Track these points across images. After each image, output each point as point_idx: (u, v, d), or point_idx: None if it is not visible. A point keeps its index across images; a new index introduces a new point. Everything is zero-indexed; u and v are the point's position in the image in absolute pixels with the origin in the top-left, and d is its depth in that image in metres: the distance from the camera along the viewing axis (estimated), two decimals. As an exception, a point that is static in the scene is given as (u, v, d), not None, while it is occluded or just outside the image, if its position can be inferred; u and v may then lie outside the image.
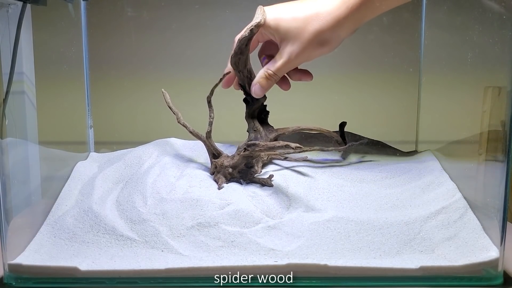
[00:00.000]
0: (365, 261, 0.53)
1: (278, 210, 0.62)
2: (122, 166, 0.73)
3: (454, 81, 0.77)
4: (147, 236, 0.58)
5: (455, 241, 0.56)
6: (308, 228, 0.58)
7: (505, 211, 0.53)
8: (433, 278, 0.52)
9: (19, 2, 0.67)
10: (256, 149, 0.65)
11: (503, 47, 0.56)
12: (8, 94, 0.65)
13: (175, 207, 0.61)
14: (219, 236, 0.57)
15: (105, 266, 0.53)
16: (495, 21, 0.60)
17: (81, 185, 0.70)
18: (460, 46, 0.74)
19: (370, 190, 0.69)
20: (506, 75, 0.53)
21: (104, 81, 0.89)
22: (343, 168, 0.75)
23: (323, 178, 0.72)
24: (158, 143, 0.78)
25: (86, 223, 0.60)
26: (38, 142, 0.75)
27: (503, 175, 0.53)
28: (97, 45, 0.86)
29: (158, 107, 0.90)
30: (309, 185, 0.69)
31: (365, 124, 0.90)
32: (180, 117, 0.71)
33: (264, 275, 0.52)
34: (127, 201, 0.63)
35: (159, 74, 0.90)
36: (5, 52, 0.66)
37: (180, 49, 0.89)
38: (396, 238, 0.57)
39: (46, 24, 0.75)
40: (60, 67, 0.78)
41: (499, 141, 0.55)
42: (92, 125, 0.86)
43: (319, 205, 0.64)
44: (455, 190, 0.67)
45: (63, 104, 0.82)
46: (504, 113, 0.52)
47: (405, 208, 0.63)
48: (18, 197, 0.63)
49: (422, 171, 0.73)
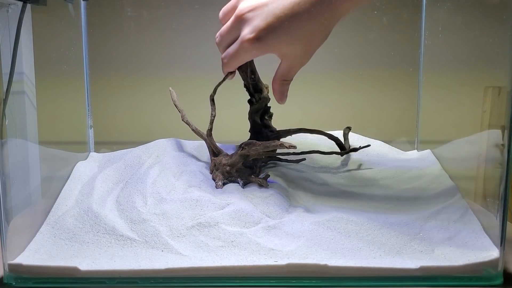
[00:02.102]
0: (365, 261, 0.53)
1: (278, 210, 0.62)
2: (122, 166, 0.73)
3: (454, 81, 0.77)
4: (147, 236, 0.58)
5: (455, 241, 0.56)
6: (308, 228, 0.58)
7: (505, 211, 0.53)
8: (433, 278, 0.52)
9: (19, 2, 0.67)
10: (252, 147, 0.65)
11: (503, 47, 0.56)
12: (8, 94, 0.65)
13: (175, 207, 0.61)
14: (219, 236, 0.57)
15: (105, 266, 0.53)
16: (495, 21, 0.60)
17: (81, 185, 0.70)
18: (460, 46, 0.74)
19: (370, 190, 0.69)
20: (506, 75, 0.53)
21: (104, 81, 0.89)
22: (343, 168, 0.75)
23: (323, 178, 0.72)
24: (158, 143, 0.78)
25: (86, 223, 0.60)
26: (38, 142, 0.75)
27: (503, 175, 0.53)
28: (97, 45, 0.86)
29: (158, 107, 0.90)
30: (309, 185, 0.69)
31: (365, 124, 0.90)
32: (184, 115, 0.71)
33: (264, 275, 0.52)
34: (127, 201, 0.63)
35: (159, 74, 0.90)
36: (5, 52, 0.66)
37: (180, 49, 0.89)
38: (396, 238, 0.57)
39: (46, 24, 0.75)
40: (60, 67, 0.78)
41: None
42: (92, 125, 0.86)
43: (319, 205, 0.64)
44: (455, 190, 0.67)
45: (63, 104, 0.82)
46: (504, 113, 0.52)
47: (405, 208, 0.63)
48: (18, 197, 0.63)
49: (422, 171, 0.73)
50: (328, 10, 0.57)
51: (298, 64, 0.62)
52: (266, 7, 0.58)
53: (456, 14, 0.74)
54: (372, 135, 0.84)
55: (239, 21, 0.59)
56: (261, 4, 0.58)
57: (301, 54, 0.61)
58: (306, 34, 0.59)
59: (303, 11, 0.57)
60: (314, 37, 0.59)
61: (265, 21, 0.58)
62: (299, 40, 0.59)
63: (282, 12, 0.57)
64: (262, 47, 0.59)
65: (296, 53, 0.60)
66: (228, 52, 0.62)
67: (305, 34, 0.59)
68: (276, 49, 0.60)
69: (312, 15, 0.57)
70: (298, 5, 0.57)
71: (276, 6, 0.57)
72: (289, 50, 0.60)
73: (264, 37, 0.58)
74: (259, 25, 0.58)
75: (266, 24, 0.58)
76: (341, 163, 0.77)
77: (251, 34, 0.58)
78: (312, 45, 0.60)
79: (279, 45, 0.60)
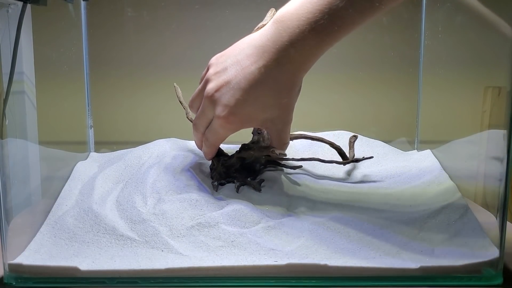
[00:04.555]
0: (365, 261, 0.53)
1: (278, 210, 0.62)
2: (122, 166, 0.73)
3: (454, 81, 0.77)
4: (147, 236, 0.58)
5: (455, 241, 0.56)
6: (308, 228, 0.58)
7: (505, 211, 0.53)
8: (433, 278, 0.52)
9: (19, 2, 0.66)
10: (248, 151, 0.66)
11: (503, 47, 0.56)
12: (8, 94, 0.65)
13: (175, 207, 0.61)
14: (219, 236, 0.57)
15: (105, 266, 0.53)
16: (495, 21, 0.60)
17: (81, 185, 0.70)
18: (460, 46, 0.74)
19: (370, 190, 0.69)
20: (506, 75, 0.53)
21: (104, 81, 0.89)
22: (343, 168, 0.75)
23: (323, 178, 0.72)
24: (158, 143, 0.78)
25: (86, 223, 0.60)
26: (38, 142, 0.75)
27: (503, 175, 0.53)
28: (97, 45, 0.86)
29: (158, 107, 0.90)
30: (309, 185, 0.69)
31: (365, 124, 0.90)
32: (188, 112, 0.72)
33: (264, 275, 0.52)
34: (127, 201, 0.63)
35: (159, 74, 0.90)
36: (5, 52, 0.66)
37: (180, 49, 0.89)
38: (396, 238, 0.57)
39: (46, 24, 0.75)
40: (60, 67, 0.78)
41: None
42: (92, 125, 0.86)
43: (319, 205, 0.64)
44: (455, 190, 0.67)
45: (63, 104, 0.82)
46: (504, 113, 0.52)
47: (405, 208, 0.63)
48: (18, 197, 0.63)
49: (422, 171, 0.73)
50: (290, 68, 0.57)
51: (284, 126, 0.62)
52: (231, 84, 0.59)
53: (456, 14, 0.74)
54: (372, 135, 0.84)
55: (210, 102, 0.60)
56: (225, 81, 0.59)
57: (280, 115, 0.61)
58: (277, 96, 0.59)
59: (265, 76, 0.57)
60: (285, 96, 0.59)
61: (233, 98, 0.59)
62: (272, 104, 0.59)
63: (247, 83, 0.58)
64: (238, 121, 0.60)
65: (274, 116, 0.60)
66: (207, 134, 0.63)
67: (275, 97, 0.59)
68: (253, 120, 0.61)
69: (275, 78, 0.58)
70: (259, 72, 0.57)
71: (239, 80, 0.58)
72: (266, 116, 0.60)
73: (238, 112, 0.59)
74: (229, 103, 0.59)
75: (235, 100, 0.59)
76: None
77: (224, 112, 0.59)
78: (287, 104, 0.60)
79: (254, 115, 0.60)
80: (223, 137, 0.63)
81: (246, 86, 0.58)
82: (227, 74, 0.59)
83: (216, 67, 0.61)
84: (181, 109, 0.74)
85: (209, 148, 0.65)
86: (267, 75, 0.58)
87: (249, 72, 0.58)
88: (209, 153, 0.66)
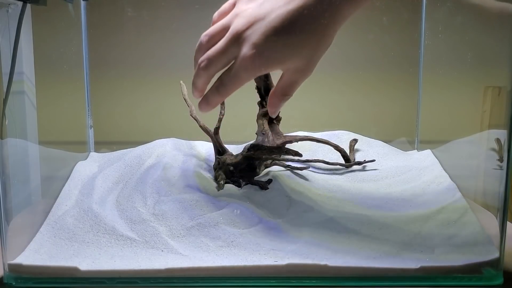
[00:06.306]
0: (365, 261, 0.53)
1: (278, 210, 0.62)
2: (122, 166, 0.73)
3: (454, 81, 0.77)
4: (147, 236, 0.58)
5: (455, 241, 0.56)
6: (308, 228, 0.58)
7: (505, 211, 0.53)
8: (433, 278, 0.52)
9: (19, 2, 0.66)
10: (258, 151, 0.66)
11: (503, 47, 0.56)
12: (8, 94, 0.65)
13: (175, 207, 0.61)
14: (219, 236, 0.57)
15: (105, 266, 0.53)
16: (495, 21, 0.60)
17: (81, 185, 0.70)
18: (460, 46, 0.74)
19: (370, 190, 0.69)
20: (506, 75, 0.53)
21: (104, 81, 0.89)
22: (343, 168, 0.75)
23: (323, 178, 0.72)
24: (158, 143, 0.78)
25: (86, 223, 0.60)
26: (38, 142, 0.75)
27: (503, 175, 0.53)
28: (97, 45, 0.86)
29: (158, 107, 0.90)
30: (309, 185, 0.69)
31: (365, 124, 0.90)
32: (193, 110, 0.72)
33: (264, 275, 0.52)
34: (127, 201, 0.63)
35: (159, 74, 0.90)
36: (5, 52, 0.66)
37: (180, 49, 0.89)
38: (396, 238, 0.57)
39: (46, 24, 0.75)
40: (60, 67, 0.78)
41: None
42: (92, 125, 0.86)
43: (319, 205, 0.64)
44: (455, 190, 0.67)
45: (63, 104, 0.82)
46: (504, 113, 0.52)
47: (405, 208, 0.63)
48: (18, 197, 0.63)
49: (422, 171, 0.73)
50: (328, 15, 0.53)
51: (301, 78, 0.58)
52: (263, 21, 0.54)
53: (456, 14, 0.74)
54: (372, 135, 0.84)
55: (235, 40, 0.55)
56: (258, 18, 0.54)
57: (304, 67, 0.57)
58: (308, 44, 0.55)
59: (302, 20, 0.53)
60: (316, 46, 0.55)
61: (264, 36, 0.53)
62: (301, 52, 0.55)
63: (281, 23, 0.53)
64: (264, 64, 0.55)
65: (299, 66, 0.56)
66: (223, 77, 0.56)
67: (306, 45, 0.55)
68: (279, 64, 0.56)
69: (311, 23, 0.54)
70: (298, 12, 0.53)
71: (273, 18, 0.53)
72: (291, 63, 0.56)
73: (267, 54, 0.54)
74: (259, 41, 0.54)
75: (265, 39, 0.53)
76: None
77: (252, 51, 0.53)
78: (315, 55, 0.56)
79: (282, 59, 0.55)
80: (243, 82, 0.56)
81: (279, 26, 0.53)
82: (261, 9, 0.54)
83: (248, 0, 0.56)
84: (181, 109, 0.74)
85: (219, 95, 0.57)
86: (305, 19, 0.53)
87: (286, 11, 0.53)
88: (215, 102, 0.57)
